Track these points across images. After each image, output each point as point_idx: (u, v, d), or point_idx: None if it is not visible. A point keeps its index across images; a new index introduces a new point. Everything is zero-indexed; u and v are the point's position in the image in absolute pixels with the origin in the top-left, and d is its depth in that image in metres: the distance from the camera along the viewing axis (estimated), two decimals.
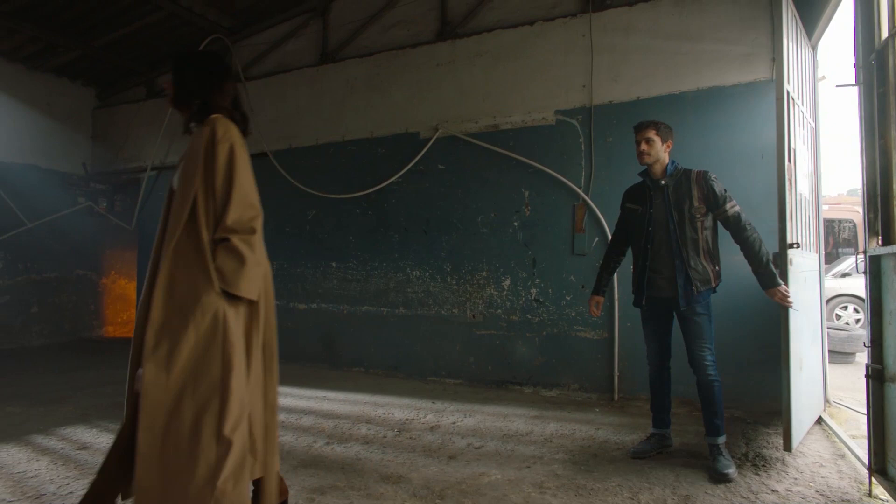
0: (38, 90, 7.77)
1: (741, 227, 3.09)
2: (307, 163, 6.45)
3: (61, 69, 7.89)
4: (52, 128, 7.94)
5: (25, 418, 4.04)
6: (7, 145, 7.39)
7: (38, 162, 7.74)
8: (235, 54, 7.18)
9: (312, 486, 2.82)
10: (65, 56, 7.53)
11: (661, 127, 3.28)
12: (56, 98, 7.99)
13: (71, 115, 8.19)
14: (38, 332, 7.71)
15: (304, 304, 6.35)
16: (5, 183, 7.28)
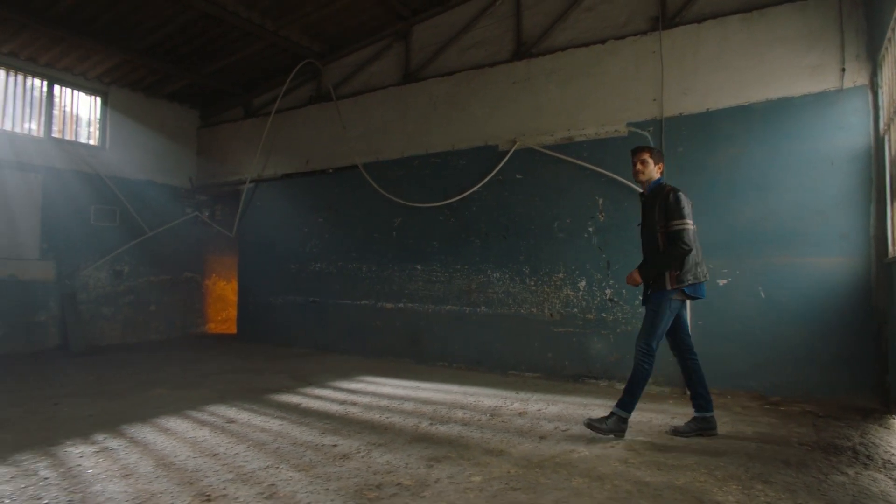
0: (154, 114, 8.79)
1: (674, 242, 3.64)
2: (393, 174, 7.07)
3: (172, 95, 8.89)
4: (165, 147, 8.95)
5: (174, 399, 4.80)
6: (131, 164, 8.42)
7: (153, 178, 8.75)
8: (326, 76, 7.91)
9: (428, 456, 3.34)
10: (177, 84, 8.50)
11: (655, 151, 3.90)
12: (167, 120, 8.99)
13: (179, 134, 9.19)
14: (155, 328, 8.73)
15: (392, 304, 6.96)
16: (129, 197, 8.31)
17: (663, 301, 3.70)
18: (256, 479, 2.93)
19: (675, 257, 3.65)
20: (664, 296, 3.70)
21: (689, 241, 3.62)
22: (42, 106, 7.69)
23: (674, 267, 3.68)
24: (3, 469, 3.06)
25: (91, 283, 7.94)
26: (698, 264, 3.74)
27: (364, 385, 5.44)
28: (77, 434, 3.72)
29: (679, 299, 3.74)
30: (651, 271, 3.75)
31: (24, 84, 7.49)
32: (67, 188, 7.66)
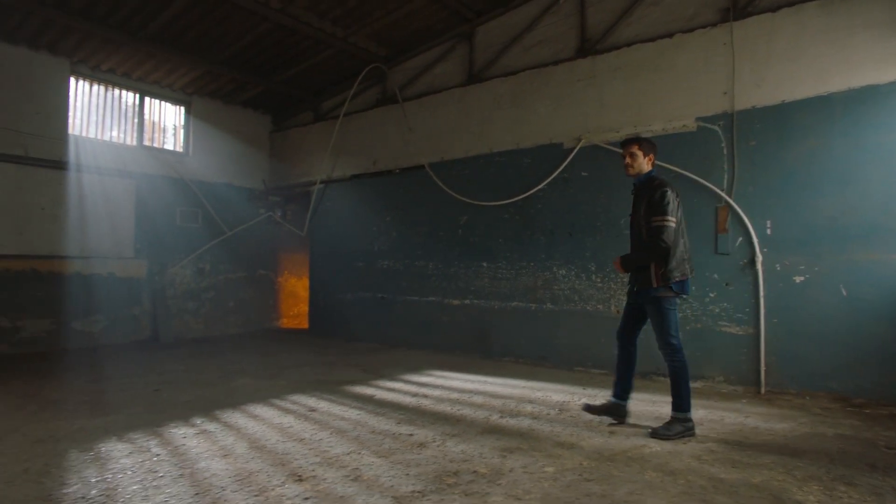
0: (231, 121, 9.32)
1: (652, 237, 3.65)
2: (458, 173, 7.22)
3: (247, 102, 9.39)
4: (241, 151, 9.47)
5: (257, 388, 5.14)
6: (211, 168, 8.98)
7: (231, 180, 9.29)
8: (391, 79, 8.15)
9: (501, 447, 3.47)
10: (252, 91, 8.98)
11: (644, 142, 3.86)
12: (243, 126, 9.51)
13: (254, 139, 9.70)
14: (233, 322, 9.27)
15: (458, 301, 7.12)
16: (210, 199, 8.87)
17: (658, 301, 3.71)
18: (341, 463, 3.15)
19: (653, 252, 3.65)
20: (652, 294, 3.71)
21: (668, 238, 3.59)
22: (135, 117, 8.33)
23: (656, 263, 3.67)
24: (121, 445, 3.42)
25: (177, 280, 8.54)
26: (686, 260, 3.73)
27: (433, 379, 5.62)
28: (178, 417, 4.08)
29: (672, 296, 3.71)
30: (631, 263, 3.79)
31: (120, 98, 8.15)
32: (157, 192, 8.27)
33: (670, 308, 3.72)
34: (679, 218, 3.72)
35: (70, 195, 7.40)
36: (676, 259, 3.67)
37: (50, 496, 2.68)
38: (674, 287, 3.68)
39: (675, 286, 3.68)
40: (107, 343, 7.67)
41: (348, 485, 2.84)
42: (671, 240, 3.60)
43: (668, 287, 3.67)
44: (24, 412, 4.20)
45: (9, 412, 4.19)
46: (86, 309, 7.50)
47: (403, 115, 7.86)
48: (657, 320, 3.74)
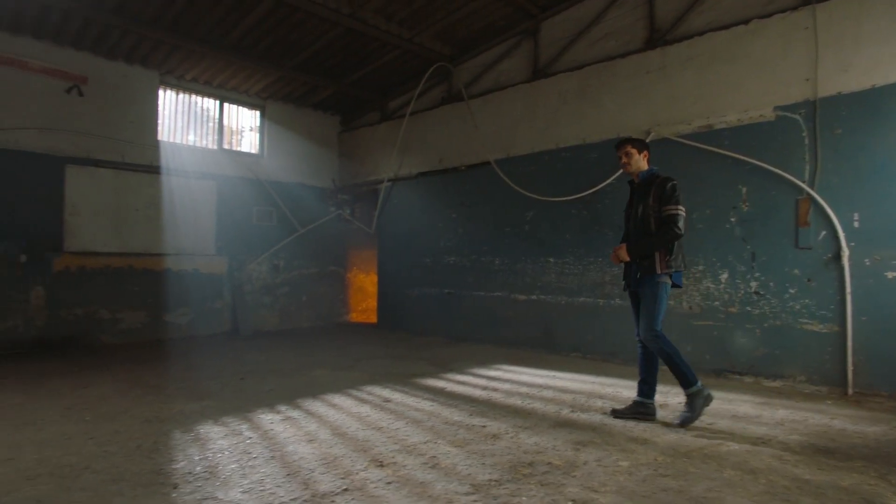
0: (302, 123, 9.72)
1: (667, 225, 3.79)
2: (524, 169, 7.24)
3: (317, 104, 9.76)
4: (311, 152, 9.86)
5: (333, 379, 5.39)
6: (284, 169, 9.41)
7: (303, 180, 9.70)
8: (456, 77, 8.26)
9: (573, 440, 3.51)
10: (322, 94, 9.33)
11: (636, 142, 4.07)
12: (313, 127, 9.90)
13: (323, 140, 10.07)
14: (305, 316, 9.69)
15: (525, 296, 7.16)
16: (284, 198, 9.29)
17: (658, 286, 3.84)
18: (419, 452, 3.29)
19: (667, 239, 3.79)
20: (656, 280, 3.84)
21: (682, 225, 3.78)
22: (215, 122, 8.85)
23: (664, 250, 3.82)
24: (217, 428, 3.71)
25: (254, 276, 9.02)
26: (681, 254, 3.90)
27: (502, 373, 5.70)
28: (263, 404, 4.36)
29: (670, 283, 3.86)
30: (640, 249, 3.89)
31: (201, 104, 8.68)
32: (235, 193, 8.76)
33: (665, 294, 3.87)
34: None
35: (160, 197, 7.97)
36: (676, 250, 3.85)
37: (161, 470, 2.96)
38: (674, 276, 3.86)
39: (675, 275, 3.87)
40: (193, 334, 8.22)
41: (427, 471, 2.97)
42: (683, 227, 3.79)
43: (669, 275, 3.84)
44: (130, 396, 4.60)
45: (117, 395, 4.61)
46: (175, 302, 8.07)
47: (469, 113, 7.95)
48: (651, 306, 3.86)
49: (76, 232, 7.26)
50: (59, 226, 7.11)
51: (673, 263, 3.82)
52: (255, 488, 2.73)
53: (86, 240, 7.34)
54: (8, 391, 4.74)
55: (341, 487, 2.75)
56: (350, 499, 2.62)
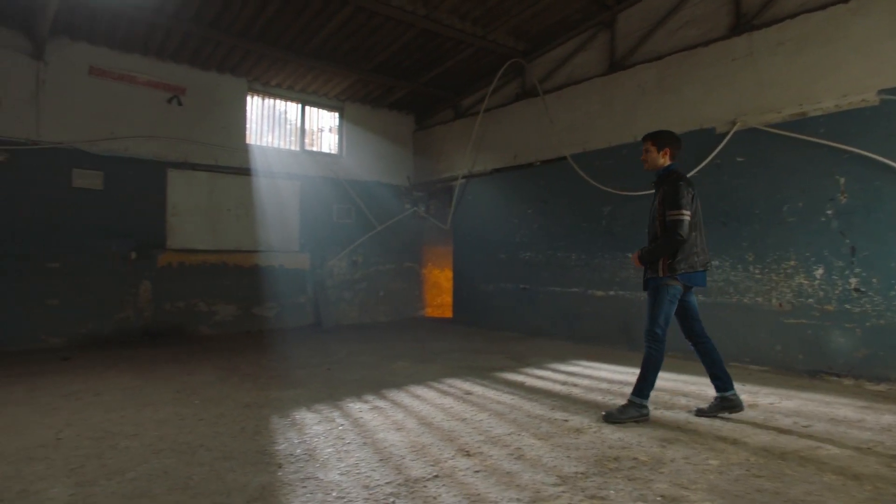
0: (378, 123, 10.02)
1: (668, 232, 3.71)
2: (601, 163, 7.15)
3: (393, 104, 10.02)
4: (387, 150, 10.15)
5: (415, 371, 5.57)
6: (362, 168, 9.75)
7: (379, 178, 10.00)
8: (530, 73, 8.25)
9: (659, 437, 3.48)
10: (398, 94, 9.57)
11: (659, 138, 3.99)
12: (389, 127, 10.18)
13: (398, 139, 10.33)
14: (383, 310, 10.00)
15: (602, 292, 7.08)
16: (362, 197, 9.63)
17: (659, 287, 3.81)
18: (504, 443, 3.37)
19: (668, 246, 3.73)
20: (658, 282, 3.82)
21: (684, 231, 3.68)
22: (297, 124, 9.29)
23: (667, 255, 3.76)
24: (310, 415, 3.95)
25: (335, 272, 9.41)
26: (696, 254, 3.79)
27: (580, 369, 5.68)
28: (351, 394, 4.58)
29: (678, 285, 3.79)
30: (647, 258, 3.86)
31: (284, 108, 9.14)
32: (316, 192, 9.17)
33: (667, 299, 3.80)
34: (695, 212, 3.80)
35: (249, 197, 8.48)
36: (684, 252, 3.76)
37: (265, 451, 3.20)
38: (679, 278, 3.77)
39: (681, 277, 3.77)
40: (279, 327, 8.70)
41: (513, 462, 3.05)
42: (686, 233, 3.69)
43: (672, 277, 3.76)
44: (230, 382, 4.97)
45: (219, 382, 4.99)
46: (263, 296, 8.57)
47: (544, 108, 7.92)
48: (650, 306, 3.85)
49: (176, 230, 7.86)
50: (163, 225, 7.73)
51: (678, 266, 3.74)
52: (352, 471, 2.91)
53: (185, 238, 7.94)
54: (126, 375, 5.24)
55: (432, 474, 2.87)
56: (441, 485, 2.74)
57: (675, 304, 3.85)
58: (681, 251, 3.75)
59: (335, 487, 2.70)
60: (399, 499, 2.58)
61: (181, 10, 6.65)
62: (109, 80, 7.32)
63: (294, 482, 2.76)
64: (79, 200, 7.07)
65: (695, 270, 3.80)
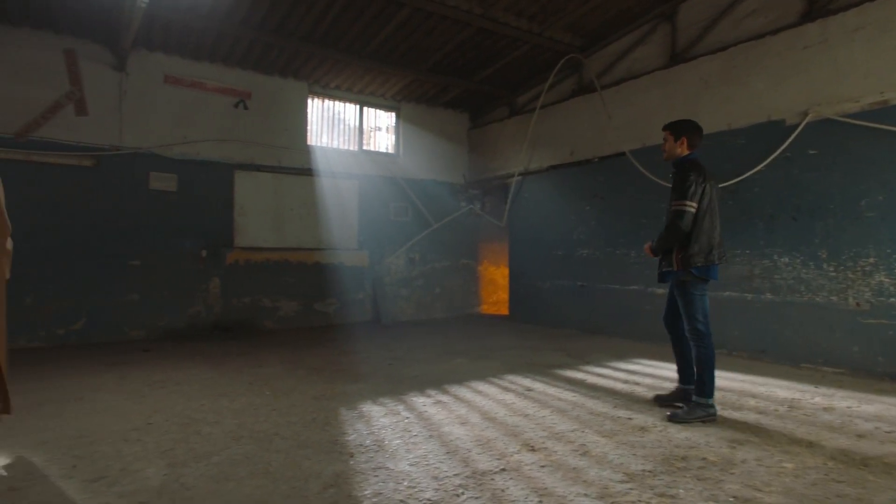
0: (433, 121, 10.14)
1: (670, 220, 3.70)
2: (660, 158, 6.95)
3: (448, 103, 10.12)
4: (442, 149, 10.25)
5: (474, 367, 5.63)
6: (418, 167, 9.90)
7: (435, 177, 10.12)
8: (587, 68, 8.15)
9: (728, 438, 3.41)
10: (453, 93, 9.66)
11: (675, 127, 3.94)
12: (444, 126, 10.28)
13: (453, 137, 10.42)
14: (440, 307, 10.13)
15: (663, 290, 6.93)
16: (418, 195, 9.77)
17: (684, 286, 3.77)
18: (568, 439, 3.39)
19: (670, 237, 3.72)
20: (678, 279, 3.79)
21: (685, 223, 3.64)
22: (355, 125, 9.52)
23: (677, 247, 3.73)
24: (376, 407, 4.09)
25: (392, 269, 9.60)
26: (713, 247, 3.72)
27: (641, 367, 5.60)
28: (414, 388, 4.69)
29: (696, 280, 3.72)
30: (655, 248, 3.87)
31: (343, 109, 9.39)
32: (374, 191, 9.38)
33: (696, 293, 3.75)
34: (708, 204, 3.72)
35: (310, 196, 8.77)
36: (700, 244, 3.68)
37: (336, 441, 3.35)
38: (695, 272, 3.70)
39: (697, 271, 3.69)
40: (339, 322, 8.96)
41: (578, 458, 3.06)
42: (688, 224, 3.65)
43: (688, 271, 3.70)
44: (296, 375, 5.18)
45: (286, 374, 5.21)
46: (323, 293, 8.84)
47: (602, 103, 7.82)
48: (683, 304, 3.82)
49: (243, 229, 8.23)
50: (231, 224, 8.10)
51: (693, 260, 3.67)
52: (421, 462, 3.00)
53: (250, 236, 8.29)
54: (201, 367, 5.55)
55: (498, 467, 2.93)
56: (508, 478, 2.79)
57: (706, 296, 3.81)
58: (696, 244, 3.68)
59: (406, 477, 2.80)
60: (468, 490, 2.65)
61: (248, 17, 6.94)
62: (182, 88, 7.73)
63: (366, 471, 2.88)
64: (155, 202, 7.51)
65: (712, 264, 3.73)
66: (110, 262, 7.16)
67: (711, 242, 3.72)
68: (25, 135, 6.66)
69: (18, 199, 6.49)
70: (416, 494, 2.60)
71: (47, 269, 6.76)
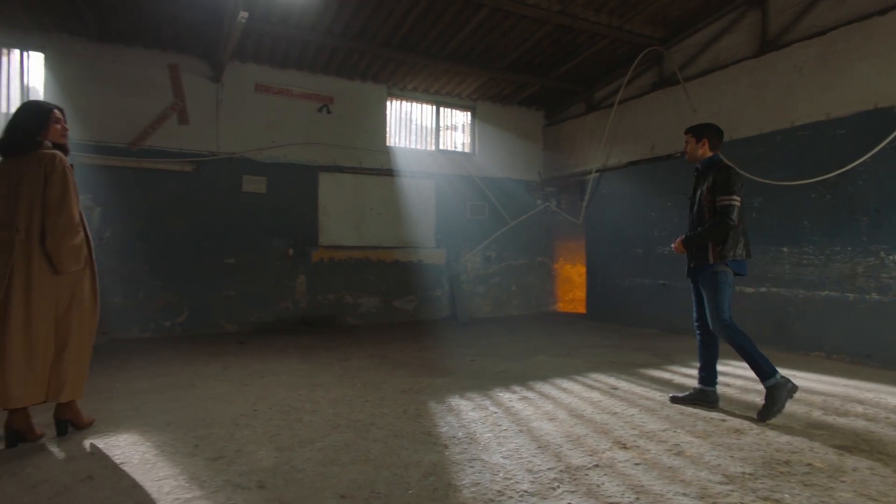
0: (508, 120, 10.16)
1: (720, 215, 3.79)
2: (750, 152, 6.70)
3: (523, 101, 10.11)
4: (517, 147, 10.26)
5: (556, 365, 5.64)
6: (493, 165, 9.97)
7: (510, 175, 10.15)
8: (669, 61, 7.92)
9: (835, 444, 3.25)
10: (529, 91, 9.64)
11: (698, 130, 4.12)
12: (519, 124, 10.28)
13: (528, 135, 10.40)
14: (515, 305, 10.16)
15: (752, 288, 6.65)
16: (494, 193, 9.84)
17: (716, 276, 3.86)
18: (659, 438, 3.36)
19: (719, 230, 3.80)
20: (712, 269, 3.87)
21: (735, 216, 3.76)
22: (432, 125, 9.71)
23: (716, 241, 3.84)
24: (463, 401, 4.20)
25: (469, 267, 9.72)
26: (742, 243, 3.85)
27: (731, 368, 5.41)
28: (498, 384, 4.77)
29: (730, 271, 3.85)
30: (694, 242, 3.95)
31: (420, 110, 9.60)
32: (451, 190, 9.53)
33: (726, 283, 3.85)
34: (742, 201, 3.85)
35: (389, 196, 9.04)
36: (735, 238, 3.83)
37: (430, 432, 3.48)
38: (730, 265, 3.83)
39: (732, 264, 3.84)
40: (418, 319, 9.18)
41: (673, 458, 3.04)
42: (736, 218, 3.77)
43: (724, 263, 3.83)
44: (383, 369, 5.39)
45: (373, 368, 5.43)
46: (402, 290, 9.09)
47: (685, 96, 7.57)
48: (711, 295, 3.88)
49: (327, 229, 8.60)
50: (315, 224, 8.49)
51: (729, 253, 3.81)
52: (514, 455, 3.08)
53: (333, 235, 8.65)
54: (293, 360, 5.88)
55: (591, 463, 2.96)
56: (602, 474, 2.82)
57: (731, 288, 3.90)
58: (731, 237, 3.82)
59: (500, 469, 2.88)
60: (563, 484, 2.70)
61: (332, 25, 7.25)
62: (271, 95, 8.18)
63: (462, 462, 2.98)
64: (247, 203, 7.99)
65: (743, 258, 3.88)
66: (209, 261, 7.70)
67: (740, 238, 3.87)
68: (137, 144, 7.29)
69: (132, 203, 7.15)
70: (513, 486, 2.67)
71: (156, 266, 7.37)
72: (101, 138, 7.02)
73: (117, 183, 7.07)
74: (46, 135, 3.30)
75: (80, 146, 6.67)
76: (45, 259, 3.17)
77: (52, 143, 3.33)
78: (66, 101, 6.68)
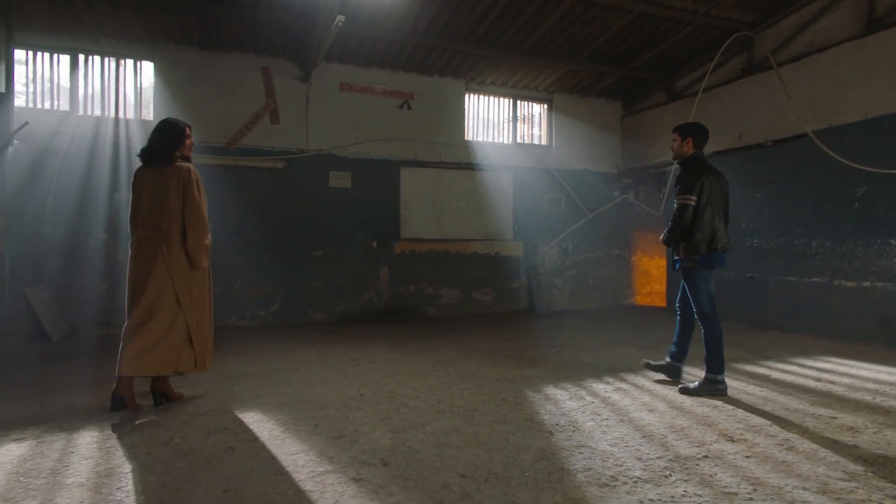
0: (585, 111, 10.07)
1: (674, 215, 4.11)
2: (853, 139, 6.38)
3: (600, 92, 9.99)
4: (595, 138, 10.15)
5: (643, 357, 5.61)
6: (571, 157, 9.92)
7: (588, 166, 10.07)
8: (759, 45, 7.62)
9: None
10: (607, 81, 9.52)
11: (684, 129, 4.33)
12: (596, 115, 10.17)
13: (606, 126, 10.27)
14: (592, 297, 10.10)
15: (853, 283, 6.35)
16: (571, 185, 9.80)
17: (688, 272, 4.18)
18: (767, 433, 3.33)
19: (674, 229, 4.10)
20: (683, 266, 4.20)
21: (685, 215, 4.01)
22: (509, 118, 9.77)
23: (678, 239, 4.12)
24: (559, 391, 4.29)
25: (546, 259, 9.75)
26: (717, 238, 4.05)
27: (833, 366, 5.22)
28: (590, 375, 4.83)
29: (700, 266, 4.10)
30: (664, 240, 4.25)
31: (497, 104, 9.68)
32: (528, 182, 9.57)
33: (700, 279, 4.12)
34: (708, 198, 4.04)
35: (468, 189, 9.19)
36: (702, 233, 4.03)
37: (533, 419, 3.60)
38: (699, 259, 4.07)
39: (701, 258, 4.07)
40: (495, 311, 9.31)
41: (785, 452, 3.02)
42: (689, 216, 4.02)
43: (692, 259, 4.09)
44: (473, 359, 5.55)
45: (464, 358, 5.60)
46: (480, 282, 9.24)
47: (780, 82, 7.27)
48: (689, 290, 4.22)
49: (408, 222, 8.86)
50: (397, 217, 8.77)
51: (697, 249, 4.03)
52: (620, 444, 3.15)
53: (414, 228, 8.90)
54: (384, 348, 6.14)
55: (700, 454, 2.99)
56: (713, 465, 2.85)
57: (709, 282, 4.15)
58: (699, 232, 4.03)
59: (610, 456, 2.97)
60: (675, 473, 2.75)
61: (416, 23, 7.44)
62: (354, 93, 8.49)
63: (569, 448, 3.09)
64: (334, 198, 8.36)
65: (714, 251, 4.07)
66: (299, 253, 8.13)
67: (714, 232, 4.06)
68: (234, 143, 7.78)
69: (230, 199, 7.64)
70: (625, 472, 2.76)
71: (251, 258, 7.86)
72: (204, 139, 7.52)
73: (217, 180, 7.55)
74: (181, 150, 3.84)
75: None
76: (184, 256, 3.69)
77: (181, 155, 3.82)
78: (173, 105, 7.25)
